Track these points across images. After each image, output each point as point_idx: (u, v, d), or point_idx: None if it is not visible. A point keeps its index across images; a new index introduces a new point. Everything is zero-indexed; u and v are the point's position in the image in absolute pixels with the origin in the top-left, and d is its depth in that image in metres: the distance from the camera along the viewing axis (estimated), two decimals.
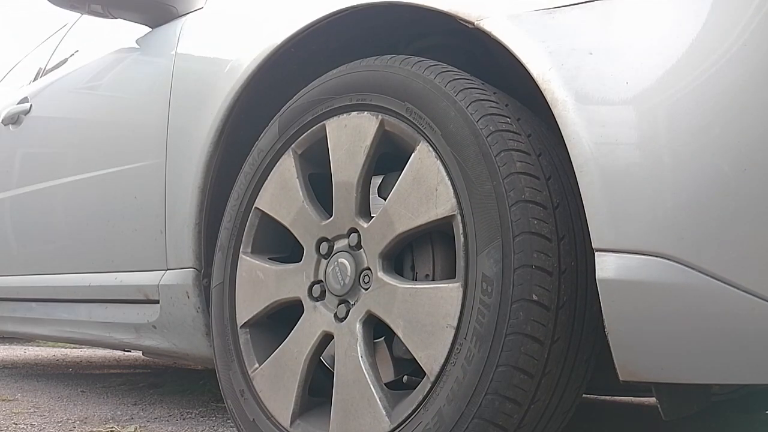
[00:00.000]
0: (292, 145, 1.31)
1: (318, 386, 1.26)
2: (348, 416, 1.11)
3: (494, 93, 1.08)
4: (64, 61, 2.57)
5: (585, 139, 0.91)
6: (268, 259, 1.34)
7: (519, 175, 0.97)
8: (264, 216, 1.35)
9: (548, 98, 0.96)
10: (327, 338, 1.21)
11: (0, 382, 2.67)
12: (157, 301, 1.65)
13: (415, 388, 1.07)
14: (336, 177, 1.22)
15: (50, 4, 1.99)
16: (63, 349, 4.85)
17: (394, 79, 1.16)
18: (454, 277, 1.04)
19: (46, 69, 2.72)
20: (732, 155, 0.83)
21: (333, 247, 1.23)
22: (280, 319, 1.32)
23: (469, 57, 1.35)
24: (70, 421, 1.80)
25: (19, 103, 2.49)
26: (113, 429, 1.69)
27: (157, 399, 2.26)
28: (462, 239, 1.02)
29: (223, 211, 1.44)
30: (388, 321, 1.10)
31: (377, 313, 1.12)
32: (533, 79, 0.98)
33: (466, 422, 0.96)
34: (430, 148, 1.08)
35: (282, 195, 1.31)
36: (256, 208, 1.35)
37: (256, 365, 1.29)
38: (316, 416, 1.21)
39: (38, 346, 5.21)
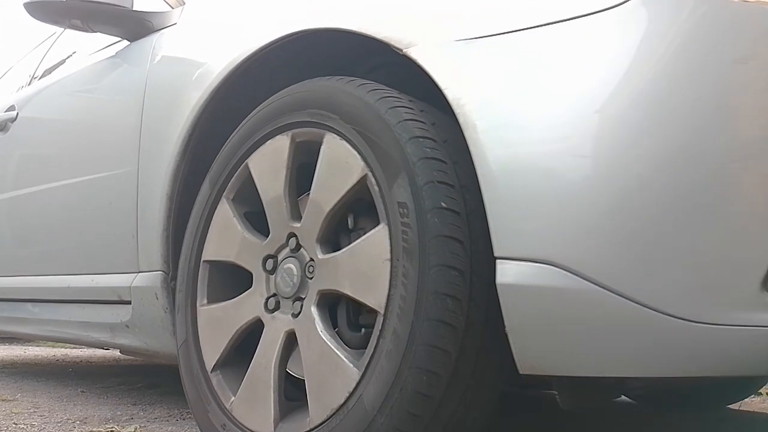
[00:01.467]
0: (224, 193, 1.43)
1: (293, 396, 1.31)
2: (322, 389, 1.18)
3: (387, 86, 1.22)
4: (52, 68, 2.66)
5: (491, 160, 1.02)
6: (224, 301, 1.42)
7: (407, 121, 1.14)
8: (212, 266, 1.44)
9: (461, 122, 1.06)
10: (291, 339, 1.28)
11: (0, 382, 2.69)
12: (130, 302, 1.75)
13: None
14: (266, 198, 1.34)
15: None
16: (63, 349, 4.84)
17: (298, 96, 1.30)
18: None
19: (34, 76, 2.81)
20: (611, 184, 0.95)
21: (277, 259, 1.33)
22: (246, 352, 1.37)
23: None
24: (69, 421, 1.82)
25: (6, 111, 2.58)
26: (113, 429, 1.71)
27: (157, 399, 2.28)
28: (376, 188, 1.15)
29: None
30: (337, 288, 1.19)
31: (327, 288, 1.21)
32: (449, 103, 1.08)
33: (419, 328, 1.04)
34: (334, 134, 1.23)
35: (224, 236, 1.42)
36: (204, 261, 1.45)
37: (232, 398, 1.34)
38: (295, 414, 1.27)
39: (38, 346, 5.19)
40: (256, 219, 1.40)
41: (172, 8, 1.98)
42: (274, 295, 1.32)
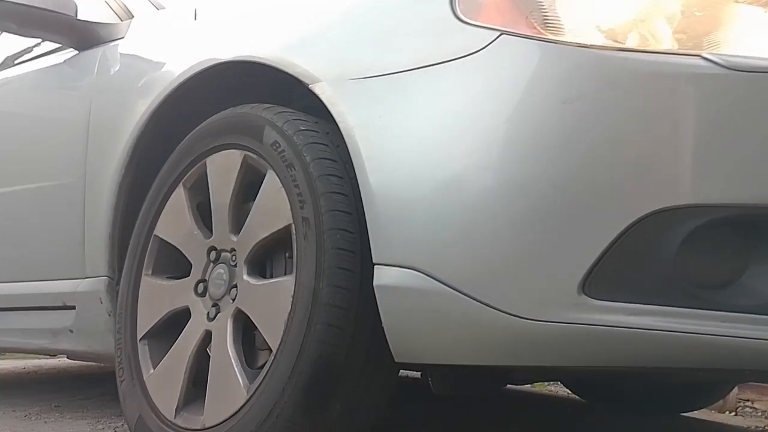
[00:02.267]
0: (143, 270, 1.57)
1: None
2: (271, 317, 1.30)
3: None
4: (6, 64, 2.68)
5: (371, 181, 1.20)
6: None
7: (262, 104, 1.41)
8: (149, 337, 1.54)
9: (350, 149, 1.23)
10: (239, 317, 1.37)
11: None
12: (74, 307, 1.83)
13: None
14: (180, 242, 1.51)
15: None
16: (36, 360, 4.25)
17: (180, 149, 1.53)
18: None
19: None
20: (458, 205, 1.14)
21: (207, 281, 1.46)
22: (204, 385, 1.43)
23: None
24: None
25: None
26: None
27: None
28: (255, 156, 1.37)
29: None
30: (254, 242, 1.35)
31: (247, 251, 1.36)
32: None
33: (320, 219, 1.23)
34: (214, 153, 1.46)
35: (153, 300, 1.55)
36: (140, 340, 1.55)
37: (202, 417, 1.38)
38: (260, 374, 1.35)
39: (3, 358, 4.44)
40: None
41: (121, 20, 2.02)
42: (214, 305, 1.43)
